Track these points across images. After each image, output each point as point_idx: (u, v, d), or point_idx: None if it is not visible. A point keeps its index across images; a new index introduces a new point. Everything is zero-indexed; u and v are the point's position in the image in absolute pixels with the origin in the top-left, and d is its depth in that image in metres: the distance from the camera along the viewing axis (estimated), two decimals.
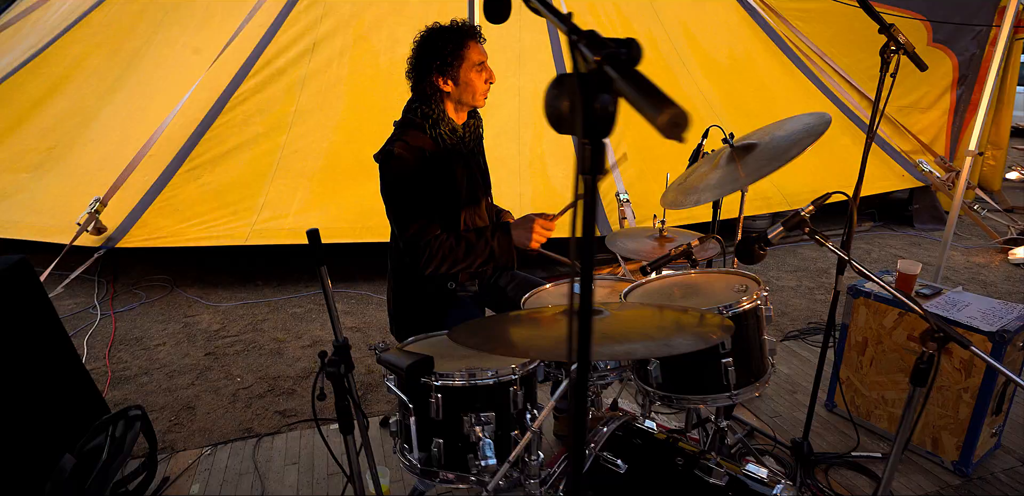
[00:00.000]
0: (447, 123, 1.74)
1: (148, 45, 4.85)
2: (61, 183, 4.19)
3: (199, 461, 2.27)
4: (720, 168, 1.56)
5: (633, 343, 1.03)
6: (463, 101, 1.74)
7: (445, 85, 1.70)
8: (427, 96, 1.72)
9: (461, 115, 1.80)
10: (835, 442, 2.32)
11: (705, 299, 1.40)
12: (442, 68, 1.67)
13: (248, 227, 3.90)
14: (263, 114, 4.32)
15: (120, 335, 3.40)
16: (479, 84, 1.72)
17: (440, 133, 1.73)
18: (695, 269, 1.57)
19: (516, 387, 1.27)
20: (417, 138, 1.73)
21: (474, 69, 1.70)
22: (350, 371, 1.17)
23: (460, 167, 1.82)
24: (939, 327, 1.16)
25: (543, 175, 4.51)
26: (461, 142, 1.78)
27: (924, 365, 1.19)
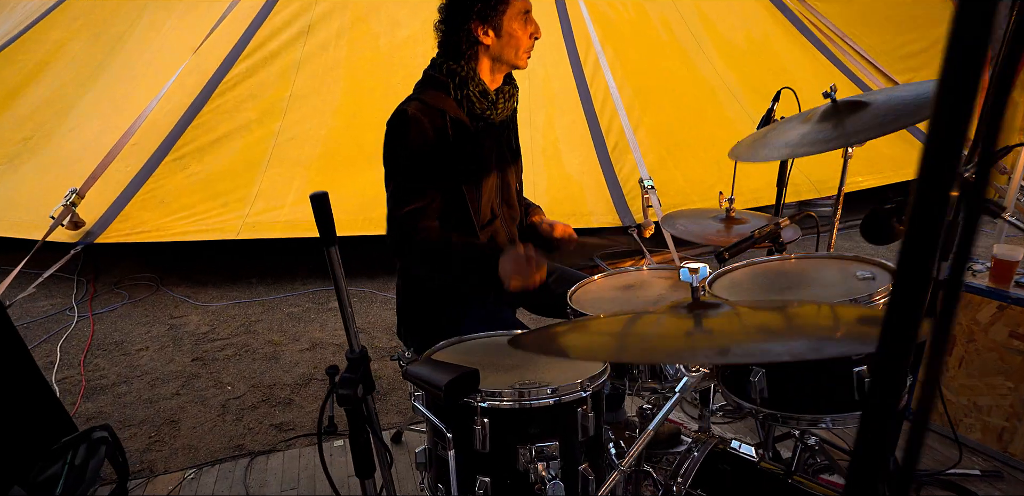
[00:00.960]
0: (477, 84, 1.42)
1: (132, 29, 4.52)
2: (37, 175, 3.86)
3: (181, 486, 1.95)
4: (813, 124, 1.25)
5: (769, 343, 0.72)
6: (503, 58, 1.42)
7: (485, 36, 1.38)
8: (459, 51, 1.40)
9: (497, 78, 1.48)
10: (921, 456, 2.01)
11: (823, 292, 1.09)
12: (484, 13, 1.36)
13: (240, 220, 3.58)
14: (255, 99, 4.00)
15: (99, 339, 3.08)
16: (523, 38, 1.41)
17: (468, 94, 1.41)
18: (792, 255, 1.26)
19: (585, 407, 0.96)
20: (438, 99, 1.42)
21: (519, 17, 1.39)
22: (370, 393, 0.85)
23: (488, 140, 1.50)
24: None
25: (558, 162, 4.20)
26: (492, 109, 1.45)
27: None
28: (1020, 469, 1.90)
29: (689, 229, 1.61)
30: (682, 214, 1.73)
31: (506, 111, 1.50)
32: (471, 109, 1.42)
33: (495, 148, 1.51)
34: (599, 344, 0.80)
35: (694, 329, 0.76)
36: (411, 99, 1.43)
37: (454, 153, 1.41)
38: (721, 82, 5.12)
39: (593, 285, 1.50)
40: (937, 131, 0.27)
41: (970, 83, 0.26)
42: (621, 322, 0.82)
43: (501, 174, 1.56)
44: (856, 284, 1.05)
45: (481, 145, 1.46)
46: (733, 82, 5.14)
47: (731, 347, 0.69)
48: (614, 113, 4.32)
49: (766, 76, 5.23)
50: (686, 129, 4.74)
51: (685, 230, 1.60)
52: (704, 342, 0.73)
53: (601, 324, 0.85)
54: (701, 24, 5.41)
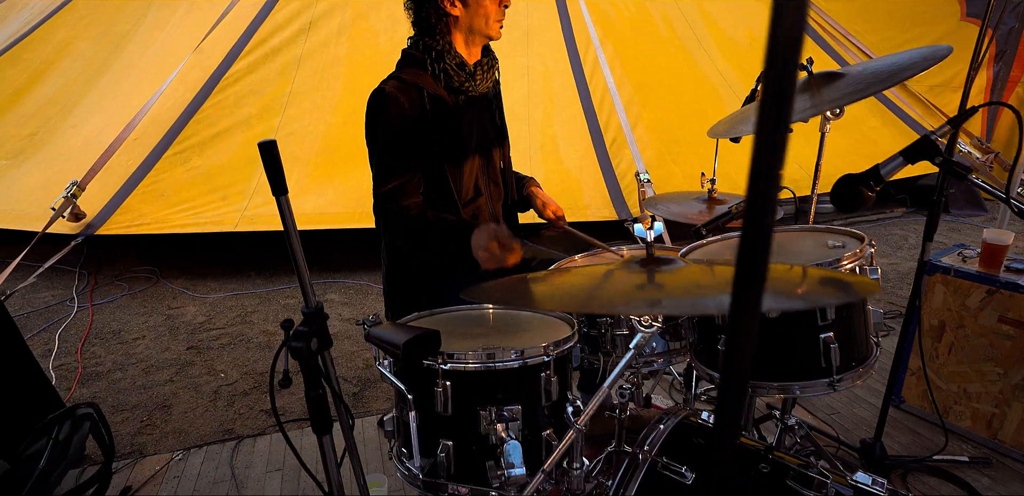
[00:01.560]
0: (454, 57, 1.43)
1: (137, 28, 4.58)
2: (41, 169, 3.91)
3: (168, 467, 1.97)
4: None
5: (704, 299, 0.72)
6: (475, 29, 1.43)
7: (452, 7, 1.39)
8: (431, 26, 1.41)
9: (473, 50, 1.49)
10: (908, 443, 2.00)
11: (791, 259, 1.09)
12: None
13: (238, 213, 3.61)
14: (256, 95, 4.04)
15: (97, 328, 3.11)
16: (492, 6, 1.41)
17: (445, 67, 1.42)
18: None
19: (548, 372, 0.96)
20: (416, 75, 1.42)
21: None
22: (326, 348, 0.86)
23: (467, 114, 1.50)
24: None
25: (555, 157, 4.20)
26: (471, 81, 1.46)
27: None
28: (1009, 456, 1.88)
29: (672, 210, 1.61)
30: (666, 197, 1.73)
31: (486, 82, 1.50)
32: (449, 82, 1.43)
33: (477, 123, 1.51)
34: (550, 294, 0.80)
35: (646, 283, 0.76)
36: (390, 77, 1.44)
37: (433, 129, 1.41)
38: (722, 79, 5.11)
39: (573, 264, 1.50)
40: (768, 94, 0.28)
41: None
42: (579, 276, 0.82)
43: (485, 151, 1.56)
44: (827, 252, 1.05)
45: (461, 120, 1.46)
46: (734, 79, 5.13)
47: (662, 299, 0.69)
48: (612, 109, 4.32)
49: None
50: (686, 125, 4.73)
51: (668, 211, 1.60)
52: (651, 295, 0.73)
53: (558, 277, 0.85)
54: (702, 21, 5.41)
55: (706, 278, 0.77)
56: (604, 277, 0.79)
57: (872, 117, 5.27)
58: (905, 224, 4.87)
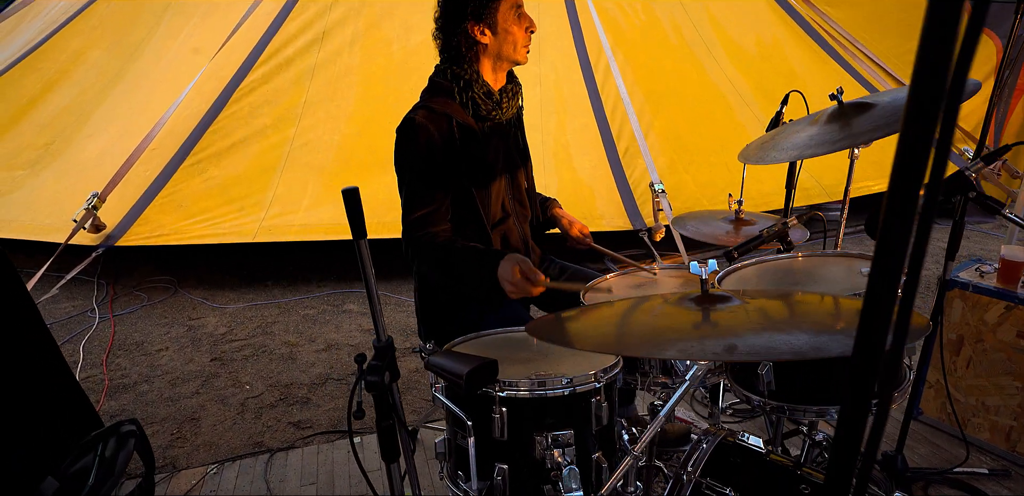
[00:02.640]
0: (481, 86, 1.47)
1: (151, 37, 4.63)
2: (58, 179, 3.96)
3: (204, 481, 2.00)
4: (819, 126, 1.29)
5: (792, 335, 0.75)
6: (503, 55, 1.47)
7: (482, 35, 1.43)
8: (460, 54, 1.45)
9: (499, 76, 1.53)
10: (927, 455, 2.03)
11: (827, 287, 1.12)
12: (477, 12, 1.40)
13: (256, 223, 3.65)
14: (271, 106, 4.09)
15: (119, 340, 3.15)
16: (519, 32, 1.46)
17: (473, 97, 1.46)
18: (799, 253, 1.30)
19: (599, 398, 1.00)
20: (445, 105, 1.47)
21: (513, 13, 1.44)
22: (395, 380, 0.90)
23: (495, 140, 1.54)
24: None
25: (569, 166, 4.25)
26: (498, 109, 1.50)
27: None
28: None
29: (700, 230, 1.65)
30: (693, 216, 1.77)
31: (511, 110, 1.54)
32: (476, 111, 1.47)
33: (503, 148, 1.56)
34: (606, 335, 0.84)
35: (701, 322, 0.80)
36: (418, 107, 1.47)
37: (462, 157, 1.45)
38: (731, 86, 5.16)
39: (605, 284, 1.54)
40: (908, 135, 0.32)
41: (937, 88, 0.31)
42: (631, 313, 0.86)
43: (510, 173, 1.60)
44: (860, 280, 1.09)
45: (488, 147, 1.50)
46: (743, 86, 5.17)
47: (737, 344, 0.73)
48: (625, 118, 4.36)
49: (776, 80, 5.26)
50: (696, 133, 4.77)
51: (696, 231, 1.64)
52: (711, 335, 0.77)
53: (611, 315, 0.89)
54: (711, 28, 5.45)
55: (765, 316, 0.80)
56: (654, 315, 0.83)
57: None
58: None
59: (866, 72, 5.52)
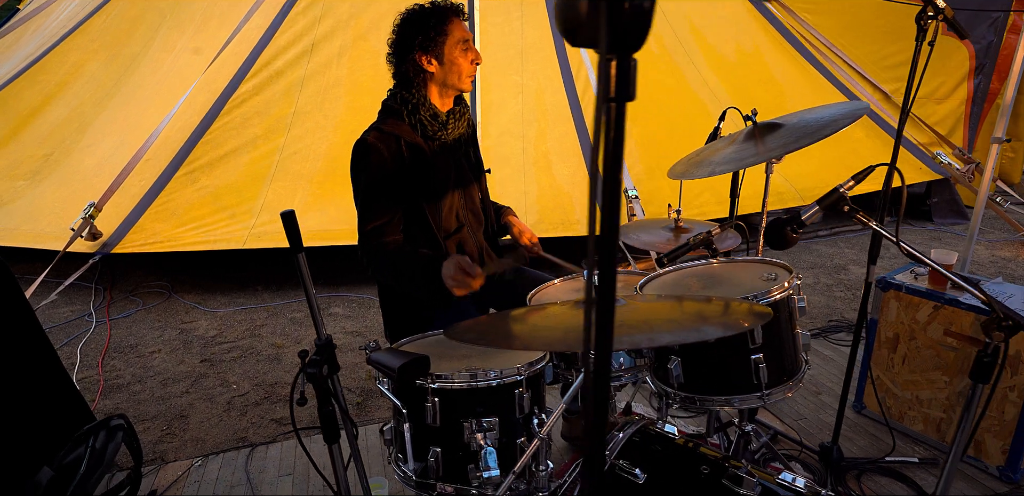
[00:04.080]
0: (428, 109, 1.62)
1: (146, 50, 4.79)
2: (57, 189, 4.11)
3: (189, 472, 2.15)
4: (737, 144, 1.43)
5: (656, 332, 0.90)
6: (448, 83, 1.61)
7: (429, 65, 1.58)
8: (409, 79, 1.60)
9: (446, 101, 1.67)
10: (866, 446, 2.17)
11: (729, 289, 1.26)
12: (425, 45, 1.55)
13: (246, 231, 3.80)
14: (261, 116, 4.24)
15: (115, 343, 3.30)
16: (464, 64, 1.60)
17: (420, 119, 1.61)
18: (716, 259, 1.44)
19: (522, 389, 1.14)
20: (395, 126, 1.61)
21: (459, 47, 1.58)
22: (334, 372, 1.04)
23: (441, 158, 1.69)
24: (1007, 314, 1.02)
25: (548, 173, 4.39)
26: (443, 130, 1.65)
27: (988, 358, 1.04)
28: None
29: (641, 238, 1.78)
30: (636, 225, 1.91)
31: (458, 130, 1.69)
32: (424, 132, 1.61)
33: (453, 164, 1.70)
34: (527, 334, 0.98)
35: None
36: (371, 128, 1.62)
37: (411, 173, 1.59)
38: (711, 94, 5.30)
39: (552, 288, 1.68)
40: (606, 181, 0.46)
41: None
42: (553, 315, 1.00)
43: (463, 187, 1.74)
44: (759, 283, 1.23)
45: (435, 163, 1.64)
46: (723, 93, 5.31)
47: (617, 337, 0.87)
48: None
49: (756, 87, 5.40)
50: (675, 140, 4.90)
51: (637, 240, 1.78)
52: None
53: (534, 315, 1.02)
54: (692, 37, 5.59)
55: (656, 313, 0.94)
56: (561, 315, 0.97)
57: (857, 129, 5.44)
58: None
59: (843, 78, 5.67)
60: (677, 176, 1.49)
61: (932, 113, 5.53)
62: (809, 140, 1.27)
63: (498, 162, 4.44)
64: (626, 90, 0.42)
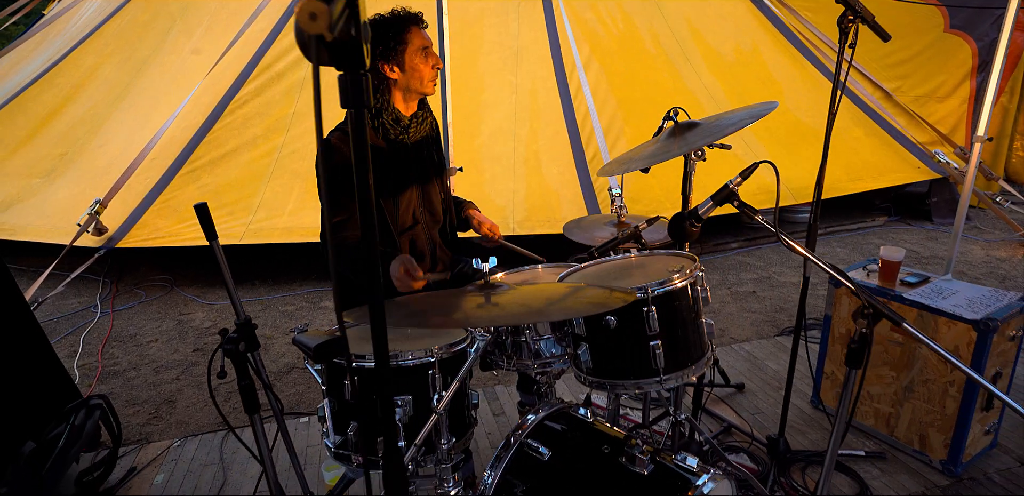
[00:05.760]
0: (391, 113, 1.72)
1: (156, 53, 4.99)
2: (69, 187, 4.32)
3: (168, 452, 2.29)
4: (660, 142, 1.50)
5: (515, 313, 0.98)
6: (411, 88, 1.71)
7: (392, 72, 1.68)
8: (374, 86, 1.70)
9: (411, 105, 1.77)
10: (818, 440, 2.21)
11: (636, 279, 1.34)
12: (386, 54, 1.65)
13: (243, 227, 3.96)
14: (262, 117, 4.40)
15: (116, 332, 3.48)
16: (425, 69, 1.69)
17: (382, 123, 1.71)
18: (634, 253, 1.51)
19: (434, 370, 1.23)
20: None
21: (419, 54, 1.67)
22: (252, 350, 1.14)
23: (402, 159, 1.78)
24: (869, 303, 1.08)
25: (537, 172, 4.47)
26: (405, 133, 1.75)
27: (856, 345, 1.11)
28: (902, 451, 2.09)
29: (585, 234, 1.86)
30: (582, 221, 1.99)
31: (420, 132, 1.78)
32: (386, 134, 1.72)
33: (413, 164, 1.79)
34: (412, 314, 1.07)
35: (485, 303, 1.02)
36: (335, 130, 1.72)
37: (372, 171, 1.69)
38: (707, 93, 5.32)
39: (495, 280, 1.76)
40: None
41: None
42: (438, 298, 1.09)
43: (422, 186, 1.84)
44: (664, 274, 1.30)
45: (394, 164, 1.74)
46: (720, 93, 5.33)
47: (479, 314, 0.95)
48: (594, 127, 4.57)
49: (754, 86, 5.41)
50: None
51: (582, 235, 1.85)
52: (485, 311, 0.99)
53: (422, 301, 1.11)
54: (690, 36, 5.61)
55: (531, 297, 1.02)
56: (454, 298, 1.06)
57: (855, 127, 5.42)
58: (885, 233, 5.00)
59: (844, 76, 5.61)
60: (604, 173, 1.57)
61: (933, 112, 5.48)
62: (712, 138, 1.34)
63: (489, 160, 4.54)
64: (360, 99, 0.51)
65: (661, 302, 1.23)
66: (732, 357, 2.91)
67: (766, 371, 2.74)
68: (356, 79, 0.51)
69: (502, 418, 2.49)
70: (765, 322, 3.36)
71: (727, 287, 3.96)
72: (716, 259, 4.56)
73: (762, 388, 2.59)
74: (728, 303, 3.67)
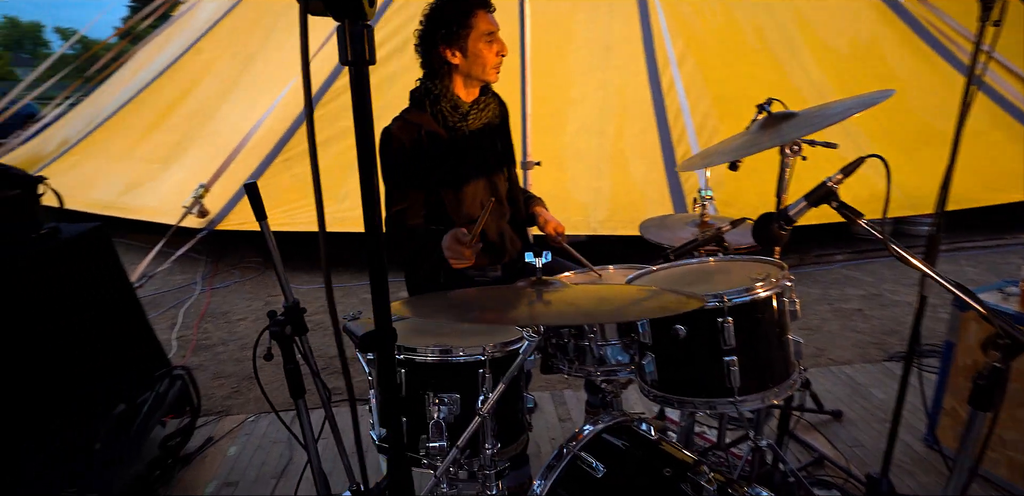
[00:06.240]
0: (449, 100, 1.65)
1: (263, 48, 5.30)
2: (181, 172, 4.69)
3: (243, 426, 2.39)
4: (750, 134, 1.34)
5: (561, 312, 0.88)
6: (472, 75, 1.65)
7: (453, 57, 1.62)
8: (435, 71, 1.66)
9: (472, 92, 1.71)
10: (930, 484, 1.93)
11: (713, 286, 1.20)
12: (448, 38, 1.59)
13: (329, 215, 4.09)
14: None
15: (211, 309, 3.71)
16: (489, 56, 1.62)
17: (440, 109, 1.65)
18: (716, 257, 1.36)
19: (484, 369, 1.16)
20: (417, 116, 1.67)
21: (483, 39, 1.61)
22: (300, 334, 1.13)
23: (462, 147, 1.72)
24: (1005, 331, 0.89)
25: (624, 170, 4.30)
26: (464, 120, 1.68)
27: (985, 382, 0.91)
28: (992, 481, 1.77)
29: (664, 234, 1.72)
30: (660, 221, 1.84)
31: (480, 120, 1.71)
32: (444, 122, 1.66)
33: (475, 153, 1.73)
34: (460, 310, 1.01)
35: (535, 300, 0.94)
36: (396, 118, 1.69)
37: (430, 161, 1.65)
38: (815, 89, 4.92)
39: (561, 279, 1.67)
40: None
41: None
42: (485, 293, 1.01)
43: (487, 176, 1.77)
44: (743, 282, 1.15)
45: (455, 152, 1.68)
46: (828, 89, 4.90)
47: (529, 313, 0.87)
48: (686, 125, 4.34)
49: (870, 82, 4.92)
50: None
51: (659, 235, 1.71)
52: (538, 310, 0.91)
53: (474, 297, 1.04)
54: (798, 29, 5.22)
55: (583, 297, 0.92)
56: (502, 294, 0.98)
57: (995, 130, 4.80)
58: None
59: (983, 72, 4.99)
60: (685, 168, 1.43)
61: None
62: (809, 129, 1.17)
63: (573, 158, 4.42)
64: (361, 54, 0.44)
65: (740, 313, 1.09)
66: (829, 380, 2.63)
67: (870, 399, 2.45)
68: (357, 31, 0.44)
69: (568, 423, 2.39)
70: (871, 344, 3.02)
71: (828, 303, 3.61)
72: (818, 272, 4.19)
73: (864, 418, 2.31)
74: (829, 320, 3.34)
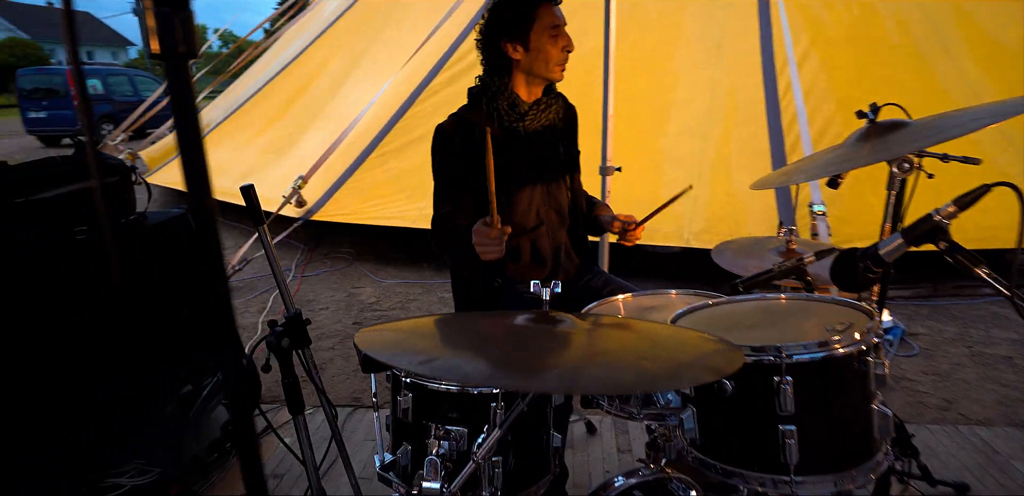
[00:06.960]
0: (507, 97, 1.54)
1: (371, 46, 5.50)
2: (288, 164, 4.98)
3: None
4: (845, 147, 1.10)
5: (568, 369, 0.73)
6: (535, 71, 1.52)
7: (515, 52, 1.50)
8: (496, 66, 1.55)
9: (534, 90, 1.58)
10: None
11: (777, 333, 0.98)
12: (509, 30, 1.48)
13: (417, 211, 4.15)
14: (450, 106, 4.44)
15: (299, 296, 3.89)
16: (553, 51, 1.49)
17: (497, 108, 1.54)
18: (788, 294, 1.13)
19: (497, 403, 1.04)
20: (473, 114, 1.57)
21: (547, 33, 1.48)
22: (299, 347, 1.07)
23: (521, 149, 1.59)
24: None
25: (726, 179, 3.97)
26: (521, 120, 1.56)
27: None
28: None
29: (740, 262, 1.48)
30: (738, 244, 1.60)
31: (538, 122, 1.57)
32: (500, 121, 1.54)
33: (526, 156, 1.60)
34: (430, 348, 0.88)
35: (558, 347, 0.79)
36: (452, 115, 1.60)
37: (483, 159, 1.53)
38: (969, 92, 4.26)
39: (616, 303, 1.50)
40: None
41: None
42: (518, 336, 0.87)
43: (544, 182, 1.64)
44: (815, 332, 0.93)
45: (509, 154, 1.56)
46: (988, 92, 4.23)
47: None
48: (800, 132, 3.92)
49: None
50: None
51: (731, 261, 1.48)
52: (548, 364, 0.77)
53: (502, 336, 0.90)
54: (954, 22, 4.55)
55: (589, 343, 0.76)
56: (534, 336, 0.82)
57: None
58: None
59: None
60: (757, 186, 1.21)
61: None
62: (923, 143, 0.92)
63: (671, 162, 4.14)
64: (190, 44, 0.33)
65: (803, 373, 0.87)
66: (956, 443, 2.18)
67: (1010, 474, 2.00)
68: (166, 19, 0.34)
69: (626, 456, 2.20)
70: (1020, 403, 2.49)
71: (967, 345, 3.06)
72: (957, 306, 3.58)
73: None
74: (965, 367, 2.82)
